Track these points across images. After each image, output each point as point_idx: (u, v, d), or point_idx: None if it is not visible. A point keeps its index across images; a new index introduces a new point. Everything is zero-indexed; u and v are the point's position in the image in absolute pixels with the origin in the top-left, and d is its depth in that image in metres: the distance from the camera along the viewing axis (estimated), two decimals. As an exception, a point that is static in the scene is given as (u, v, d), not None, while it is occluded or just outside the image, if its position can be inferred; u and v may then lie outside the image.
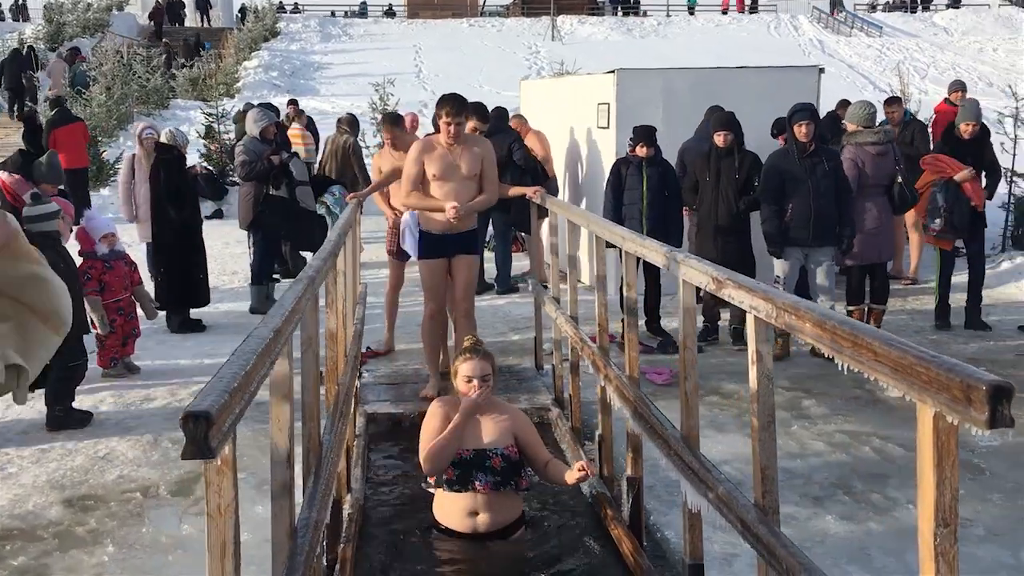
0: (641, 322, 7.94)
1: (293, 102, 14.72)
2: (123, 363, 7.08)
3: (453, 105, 6.01)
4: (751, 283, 2.78)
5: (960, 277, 8.49)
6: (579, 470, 4.17)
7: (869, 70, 31.58)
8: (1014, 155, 11.16)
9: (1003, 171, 10.97)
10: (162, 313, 8.13)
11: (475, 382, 4.25)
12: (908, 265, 10.26)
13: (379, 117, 12.52)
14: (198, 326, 8.57)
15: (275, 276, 9.86)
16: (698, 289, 8.55)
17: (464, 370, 4.31)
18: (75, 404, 6.19)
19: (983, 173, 8.32)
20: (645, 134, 7.65)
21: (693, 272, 3.18)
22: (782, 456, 5.48)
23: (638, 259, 7.36)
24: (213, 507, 1.81)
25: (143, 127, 9.38)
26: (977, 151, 8.16)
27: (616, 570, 4.13)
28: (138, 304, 7.22)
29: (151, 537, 4.53)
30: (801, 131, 7.13)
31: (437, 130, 6.31)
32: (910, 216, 9.87)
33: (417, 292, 8.01)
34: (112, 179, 16.05)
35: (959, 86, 11.39)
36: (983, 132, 8.30)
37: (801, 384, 6.77)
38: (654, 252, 3.68)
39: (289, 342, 2.54)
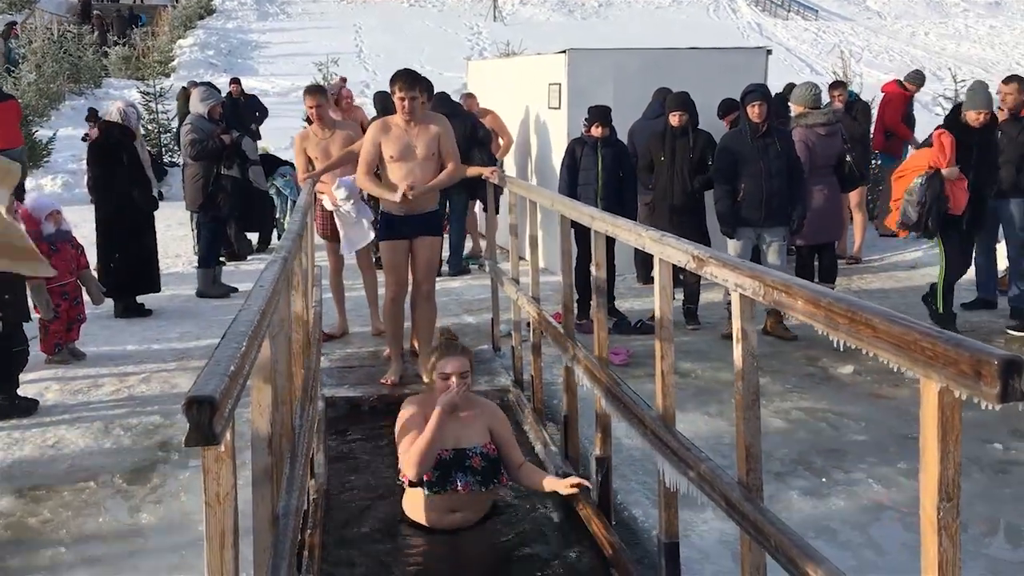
0: (593, 303, 7.97)
1: (236, 80, 14.41)
2: (68, 349, 6.88)
3: (406, 80, 5.95)
4: (736, 261, 2.77)
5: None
6: (572, 486, 4.13)
7: (806, 53, 32.00)
8: (953, 136, 11.38)
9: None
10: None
11: (454, 379, 4.11)
12: (852, 245, 10.43)
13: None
14: (143, 311, 8.37)
15: (220, 259, 9.67)
16: (648, 269, 8.45)
17: (442, 366, 4.15)
18: (19, 392, 5.99)
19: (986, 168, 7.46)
20: (600, 114, 7.64)
21: (672, 251, 3.17)
22: (742, 434, 5.58)
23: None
24: (212, 495, 1.74)
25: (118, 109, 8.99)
26: (984, 140, 7.43)
27: (588, 550, 4.12)
28: (84, 289, 7.01)
29: (108, 527, 4.41)
30: (754, 112, 7.17)
31: (384, 112, 6.26)
32: (854, 196, 10.04)
33: (360, 275, 7.92)
34: (45, 160, 15.59)
35: (917, 79, 11.49)
36: (993, 121, 7.54)
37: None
38: (627, 232, 3.66)
39: (272, 323, 2.47)
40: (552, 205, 4.98)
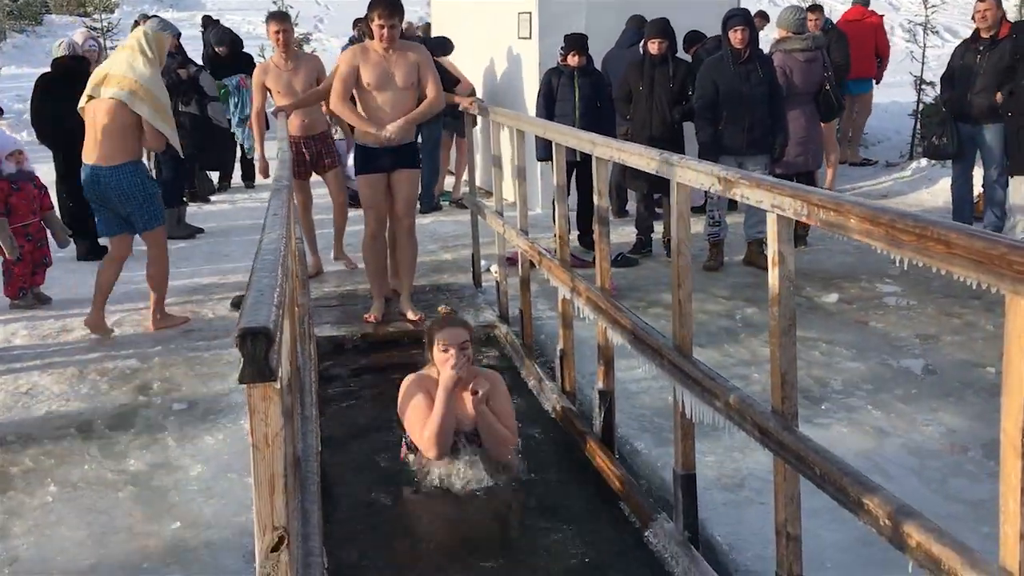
0: (574, 235, 7.85)
1: (213, 22, 13.44)
2: (33, 294, 6.61)
3: (385, 7, 5.69)
4: (772, 180, 2.64)
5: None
6: None
7: (763, -17, 31.72)
8: (923, 63, 11.36)
9: (917, 80, 11.23)
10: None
11: (452, 351, 3.96)
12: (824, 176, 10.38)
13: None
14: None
15: (183, 199, 9.35)
16: (651, 197, 8.11)
17: (441, 337, 4.01)
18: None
19: None
20: (576, 42, 7.44)
21: (692, 174, 3.03)
22: (735, 363, 5.53)
23: (575, 168, 7.31)
24: (259, 437, 1.59)
25: (85, 39, 8.54)
26: None
27: (594, 485, 4.06)
28: (48, 231, 6.71)
29: (95, 474, 4.24)
30: (736, 37, 7.01)
31: (358, 39, 6.00)
32: (826, 127, 9.96)
33: (331, 212, 7.72)
34: (-10, 99, 14.96)
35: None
36: None
37: (740, 293, 6.79)
38: (638, 157, 3.51)
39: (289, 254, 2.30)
40: (545, 133, 4.81)
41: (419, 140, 9.35)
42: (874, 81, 11.13)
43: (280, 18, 7.12)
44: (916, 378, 5.22)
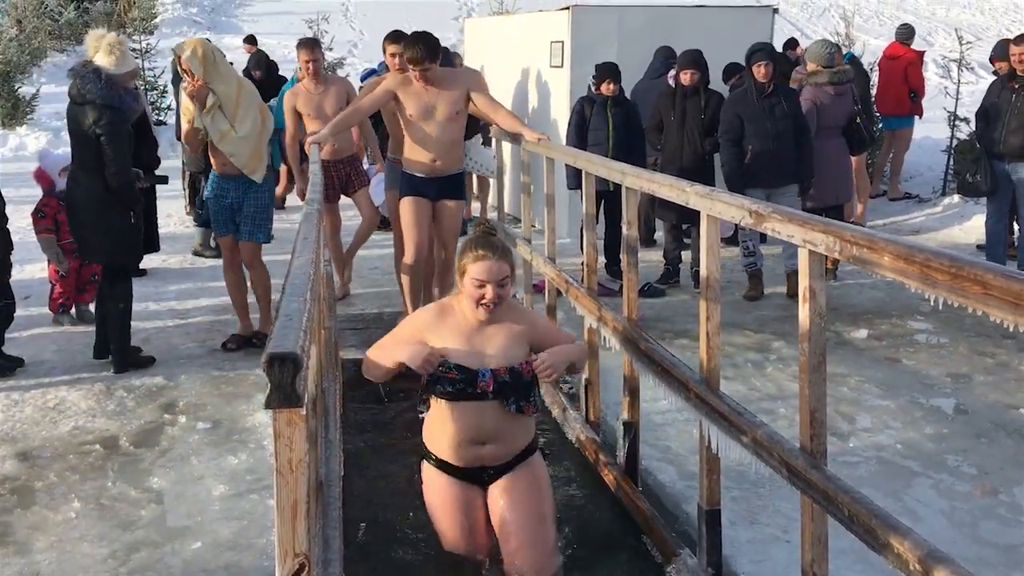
0: (601, 263, 7.83)
1: (251, 39, 13.75)
2: (79, 311, 6.68)
3: (414, 52, 5.50)
4: (803, 215, 2.62)
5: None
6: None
7: (796, 16, 31.70)
8: (956, 99, 11.29)
9: (950, 116, 11.15)
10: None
11: (488, 288, 3.21)
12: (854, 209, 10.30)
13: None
14: (138, 271, 8.15)
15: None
16: (679, 227, 8.08)
17: (475, 271, 3.21)
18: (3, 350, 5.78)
19: None
20: (609, 70, 7.45)
21: (724, 207, 3.02)
22: (761, 397, 5.48)
23: (603, 197, 7.30)
24: (283, 462, 1.59)
25: None
26: None
27: (617, 517, 4.02)
28: None
29: (119, 491, 4.25)
30: (760, 71, 7.01)
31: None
32: (856, 160, 9.90)
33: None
34: (29, 117, 15.24)
35: (908, 33, 11.37)
36: None
37: (768, 326, 6.74)
38: (668, 188, 3.50)
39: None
40: (576, 162, 4.81)
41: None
42: (916, 117, 11.05)
43: (310, 47, 7.14)
44: (947, 418, 5.14)
